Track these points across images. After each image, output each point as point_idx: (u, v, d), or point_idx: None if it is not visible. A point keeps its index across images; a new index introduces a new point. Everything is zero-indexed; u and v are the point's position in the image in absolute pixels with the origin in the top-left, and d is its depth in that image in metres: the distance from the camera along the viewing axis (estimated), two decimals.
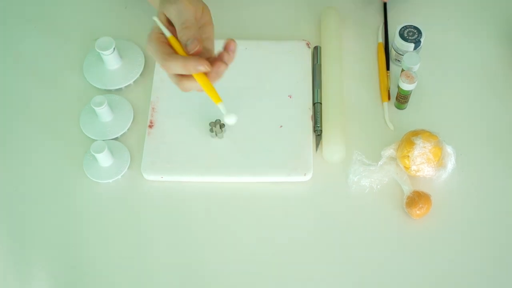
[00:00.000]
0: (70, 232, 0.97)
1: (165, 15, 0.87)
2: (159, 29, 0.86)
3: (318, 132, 1.02)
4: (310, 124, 1.02)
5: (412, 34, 1.03)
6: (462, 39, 1.11)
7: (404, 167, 0.97)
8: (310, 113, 1.03)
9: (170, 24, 0.87)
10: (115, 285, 0.94)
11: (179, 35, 0.85)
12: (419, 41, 1.03)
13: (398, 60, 1.07)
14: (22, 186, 1.00)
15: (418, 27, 1.04)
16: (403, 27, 1.04)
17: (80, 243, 0.96)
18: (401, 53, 1.05)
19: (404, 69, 1.01)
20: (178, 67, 0.83)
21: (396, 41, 1.04)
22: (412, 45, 1.03)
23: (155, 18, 0.86)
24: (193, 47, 0.84)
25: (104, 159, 0.98)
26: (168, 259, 0.95)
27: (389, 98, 1.05)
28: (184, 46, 0.85)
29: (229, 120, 0.88)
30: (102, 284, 0.94)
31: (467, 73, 1.08)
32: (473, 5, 1.15)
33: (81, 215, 0.98)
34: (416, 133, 0.96)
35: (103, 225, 0.97)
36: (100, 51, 1.04)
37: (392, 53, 1.07)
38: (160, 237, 0.96)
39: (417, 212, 0.94)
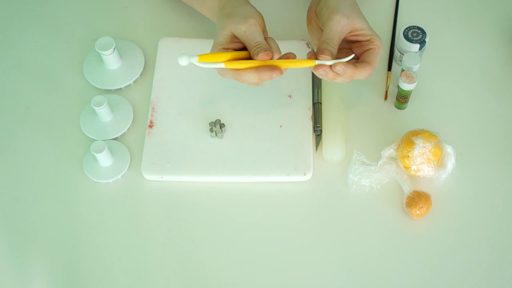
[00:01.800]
0: (70, 231, 0.97)
1: (232, 32, 0.91)
2: (220, 45, 0.90)
3: (318, 132, 1.02)
4: (310, 124, 1.02)
5: (416, 35, 1.03)
6: (462, 39, 1.11)
7: (404, 167, 0.97)
8: (310, 113, 1.03)
9: (232, 40, 0.91)
10: (115, 284, 0.94)
11: (254, 51, 0.89)
12: (424, 42, 1.03)
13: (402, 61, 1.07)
14: (22, 186, 1.00)
15: (422, 27, 1.03)
16: (406, 28, 1.04)
17: (80, 243, 0.96)
18: (405, 54, 1.04)
19: (404, 69, 1.01)
20: (254, 79, 0.89)
21: (401, 42, 1.03)
22: (417, 45, 1.02)
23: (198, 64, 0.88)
24: (264, 57, 0.88)
25: (104, 159, 0.98)
26: (168, 258, 0.95)
27: (386, 98, 1.05)
28: (255, 55, 0.89)
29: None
30: (102, 283, 0.94)
31: (467, 73, 1.08)
32: (472, 6, 1.14)
33: (81, 215, 0.98)
34: (416, 133, 0.96)
35: (103, 225, 0.97)
36: (100, 51, 1.04)
37: (396, 53, 1.07)
38: (160, 236, 0.96)
39: (417, 212, 0.94)
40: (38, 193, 1.00)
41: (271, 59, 0.89)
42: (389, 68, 1.07)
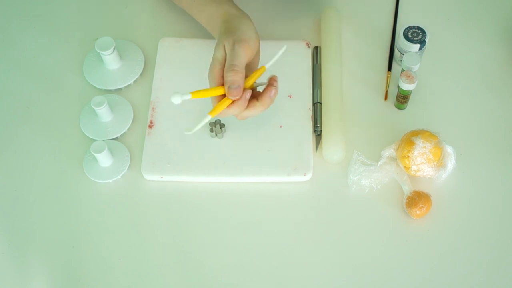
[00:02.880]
0: (70, 232, 0.97)
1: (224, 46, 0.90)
2: (219, 63, 0.90)
3: (318, 132, 1.02)
4: (310, 124, 1.02)
5: (416, 35, 1.03)
6: (462, 39, 1.11)
7: (404, 167, 0.97)
8: (310, 113, 1.03)
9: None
10: (115, 284, 0.94)
11: (226, 73, 0.88)
12: (424, 42, 1.03)
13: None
14: (22, 186, 1.00)
15: (422, 27, 1.03)
16: (407, 28, 1.04)
17: (80, 243, 0.96)
18: (405, 54, 1.04)
19: (404, 69, 1.01)
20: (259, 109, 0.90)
21: (401, 42, 1.03)
22: (418, 45, 1.03)
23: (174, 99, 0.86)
24: (234, 93, 0.87)
25: (104, 159, 0.98)
26: (168, 258, 0.95)
27: (386, 98, 1.05)
28: (226, 88, 0.88)
29: None
30: (102, 283, 0.94)
31: (467, 73, 1.08)
32: (472, 6, 1.14)
33: (81, 215, 0.98)
34: (416, 133, 0.96)
35: (103, 225, 0.97)
36: (100, 51, 1.04)
37: (396, 53, 1.07)
38: (160, 236, 0.96)
39: (417, 212, 0.94)
40: (38, 193, 1.00)
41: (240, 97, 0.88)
42: (389, 68, 1.07)
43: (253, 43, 0.91)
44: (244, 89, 0.88)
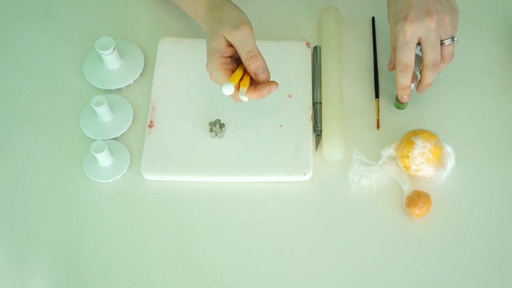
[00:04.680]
0: (69, 231, 0.97)
1: (225, 38, 0.90)
2: (219, 52, 0.90)
3: (318, 132, 1.02)
4: (310, 124, 1.02)
5: None
6: (462, 39, 1.11)
7: (404, 167, 0.97)
8: (310, 113, 1.03)
9: (229, 45, 0.91)
10: (115, 284, 0.94)
11: (246, 63, 0.90)
12: None
13: None
14: (22, 186, 1.00)
15: None
16: None
17: (80, 243, 0.96)
18: None
19: None
20: (254, 96, 0.91)
21: None
22: (419, 47, 1.02)
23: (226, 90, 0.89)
24: (263, 77, 0.91)
25: (104, 159, 0.98)
26: (168, 258, 0.95)
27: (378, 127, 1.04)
28: (253, 75, 0.91)
29: None
30: (102, 283, 0.94)
31: (467, 73, 1.08)
32: (472, 6, 1.14)
33: (81, 215, 0.98)
34: (415, 133, 0.96)
35: (103, 225, 0.97)
36: (100, 51, 1.04)
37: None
38: (160, 237, 0.96)
39: (417, 212, 0.94)
40: (38, 193, 1.00)
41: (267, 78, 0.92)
42: (377, 95, 1.06)
43: (249, 21, 0.92)
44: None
